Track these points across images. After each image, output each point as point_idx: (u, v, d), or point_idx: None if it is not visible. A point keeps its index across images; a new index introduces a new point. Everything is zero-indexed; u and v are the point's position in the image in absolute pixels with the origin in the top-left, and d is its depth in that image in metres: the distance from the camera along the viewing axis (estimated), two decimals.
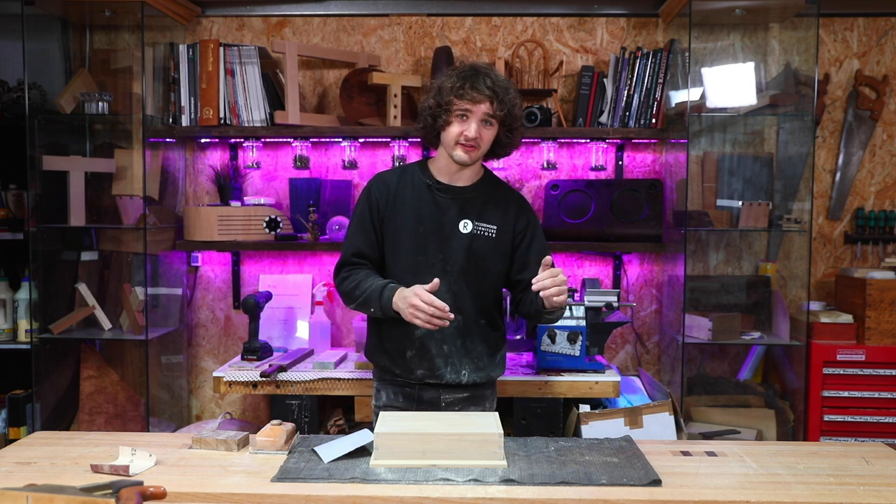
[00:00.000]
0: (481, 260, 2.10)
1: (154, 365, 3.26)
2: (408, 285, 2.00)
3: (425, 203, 2.10)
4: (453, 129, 2.02)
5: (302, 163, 3.25)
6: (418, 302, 1.89)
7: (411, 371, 2.13)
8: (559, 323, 2.79)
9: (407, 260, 2.09)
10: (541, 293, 1.88)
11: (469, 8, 3.27)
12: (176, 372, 3.37)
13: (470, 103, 1.99)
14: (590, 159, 3.26)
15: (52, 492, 1.32)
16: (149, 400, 3.13)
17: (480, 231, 2.10)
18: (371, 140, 3.24)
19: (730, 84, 3.10)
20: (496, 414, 1.82)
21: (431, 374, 2.12)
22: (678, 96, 3.10)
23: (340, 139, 3.24)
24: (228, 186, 3.26)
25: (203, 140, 3.30)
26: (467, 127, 2.01)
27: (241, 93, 3.13)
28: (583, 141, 3.24)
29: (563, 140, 3.24)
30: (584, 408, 2.80)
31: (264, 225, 3.13)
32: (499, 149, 2.12)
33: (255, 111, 3.12)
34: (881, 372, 2.99)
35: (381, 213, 2.13)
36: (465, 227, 2.09)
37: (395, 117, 3.07)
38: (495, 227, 2.11)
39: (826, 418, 3.01)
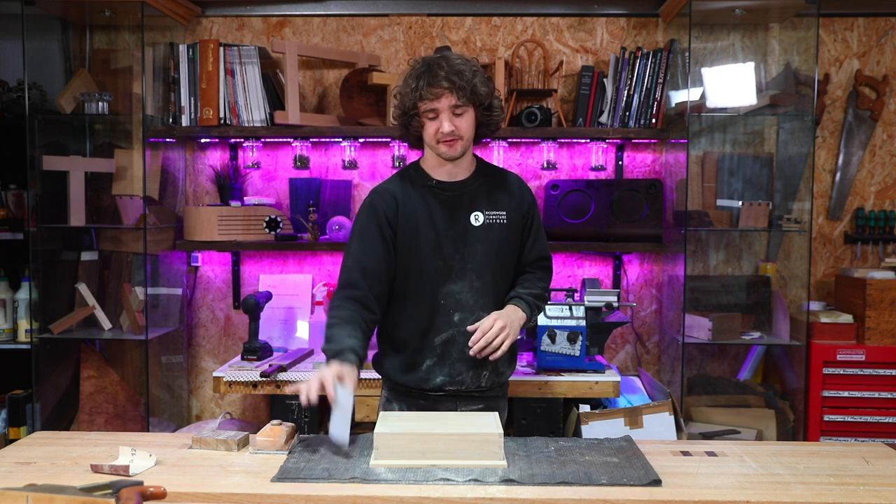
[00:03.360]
0: (499, 249, 2.05)
1: (154, 365, 3.26)
2: (431, 294, 2.00)
3: (432, 205, 2.03)
4: (429, 130, 1.97)
5: (302, 163, 3.25)
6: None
7: (429, 380, 2.04)
8: (559, 323, 2.79)
9: (426, 268, 2.01)
10: (478, 356, 1.94)
11: (469, 8, 3.27)
12: (176, 372, 3.37)
13: (432, 101, 1.92)
14: (590, 159, 3.26)
15: (52, 492, 1.32)
16: (149, 400, 3.13)
17: (492, 220, 2.05)
18: (371, 140, 3.24)
19: (730, 84, 3.10)
20: (496, 414, 1.82)
21: (452, 381, 2.04)
22: (678, 96, 3.10)
23: (340, 139, 3.24)
24: (228, 186, 3.26)
25: (203, 140, 3.30)
26: (439, 124, 1.94)
27: (241, 93, 3.13)
28: (583, 141, 3.24)
29: (563, 140, 3.24)
30: (584, 408, 2.80)
31: (264, 225, 3.13)
32: (484, 129, 2.05)
33: (255, 111, 3.12)
34: (881, 372, 2.99)
35: (391, 226, 2.01)
36: (477, 219, 2.04)
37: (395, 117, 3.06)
38: (504, 213, 2.06)
39: (826, 418, 3.01)
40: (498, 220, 2.06)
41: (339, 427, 1.79)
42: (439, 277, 2.01)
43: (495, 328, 1.92)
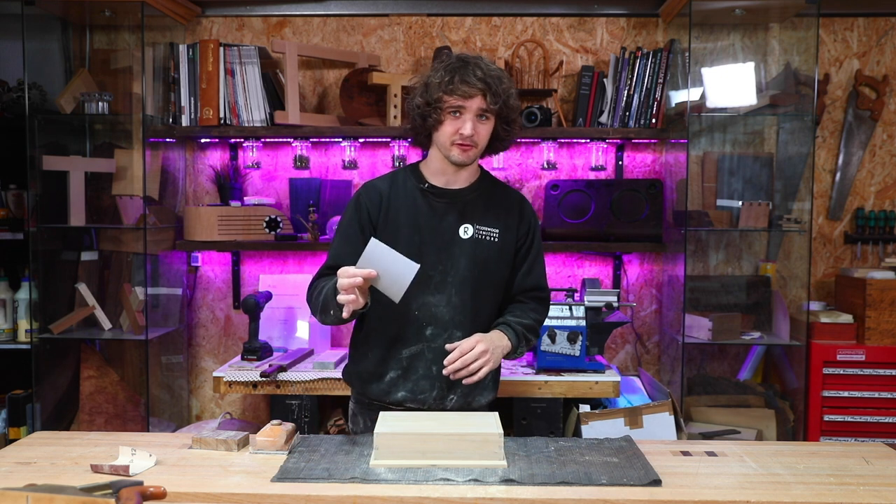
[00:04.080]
0: (484, 267, 1.94)
1: (154, 365, 3.26)
2: (405, 302, 1.88)
3: (420, 209, 1.93)
4: (447, 129, 1.86)
5: (302, 163, 3.25)
6: (341, 282, 1.73)
7: (389, 394, 1.95)
8: (559, 323, 2.79)
9: None
10: (451, 377, 1.84)
11: (469, 8, 3.27)
12: (176, 372, 3.37)
13: (461, 99, 1.82)
14: (590, 159, 3.26)
15: (52, 492, 1.32)
16: (149, 400, 3.13)
17: (482, 235, 1.94)
18: (371, 140, 3.24)
19: (730, 84, 3.10)
20: (496, 414, 1.82)
21: (413, 398, 1.94)
22: (678, 96, 3.10)
23: (340, 139, 3.24)
24: (228, 186, 3.26)
25: (203, 140, 3.30)
26: (462, 125, 1.84)
27: (241, 93, 3.13)
28: (583, 141, 3.24)
29: (563, 140, 3.24)
30: (584, 408, 2.80)
31: (264, 225, 3.13)
32: (496, 143, 1.95)
33: (255, 111, 3.12)
34: (881, 372, 2.99)
35: (372, 224, 1.94)
36: (466, 232, 1.94)
37: (395, 117, 3.07)
38: (498, 231, 1.96)
39: (826, 418, 3.01)
40: (488, 237, 1.95)
41: (394, 286, 1.73)
42: (417, 286, 1.87)
43: (476, 351, 1.82)
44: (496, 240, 1.96)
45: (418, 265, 1.74)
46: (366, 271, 1.72)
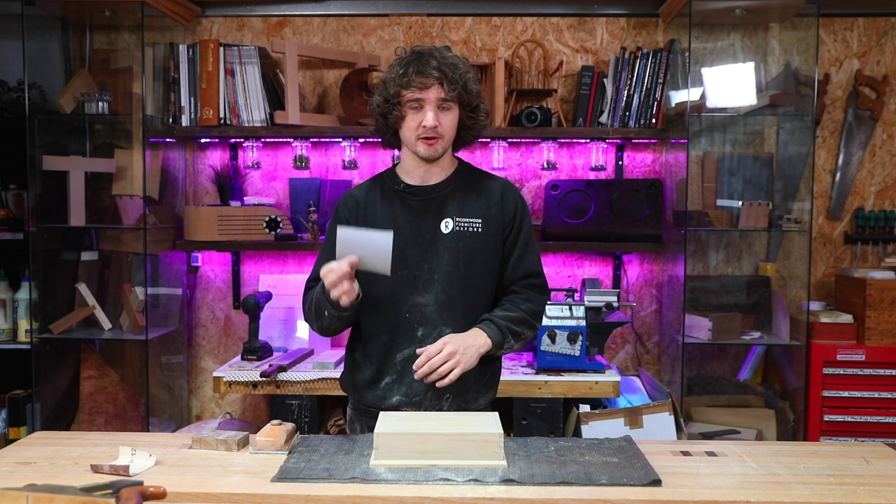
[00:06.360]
0: (470, 260, 1.88)
1: (154, 365, 3.26)
2: (396, 306, 1.88)
3: (398, 211, 1.89)
4: (409, 123, 1.83)
5: (302, 163, 3.26)
6: (327, 280, 1.75)
7: (385, 399, 1.92)
8: (559, 323, 2.80)
9: (390, 278, 1.83)
10: (425, 380, 1.82)
11: (469, 8, 3.27)
12: (176, 372, 3.37)
13: (419, 90, 1.79)
14: (590, 159, 3.27)
15: (52, 492, 1.32)
16: (149, 400, 3.13)
17: (463, 227, 1.89)
18: (371, 140, 3.24)
19: (730, 84, 3.10)
20: (496, 414, 1.81)
21: (408, 401, 1.90)
22: (678, 96, 3.10)
23: (340, 139, 3.24)
24: (228, 186, 3.26)
25: (203, 140, 3.30)
26: (423, 116, 1.81)
27: (241, 93, 3.13)
28: (583, 141, 3.25)
29: (563, 140, 3.24)
30: (584, 408, 2.80)
31: (264, 225, 3.13)
32: (465, 132, 1.91)
33: (255, 111, 3.13)
34: (881, 372, 2.99)
35: None
36: (447, 226, 1.89)
37: None
38: (480, 220, 1.89)
39: (826, 418, 3.01)
40: (471, 228, 1.89)
41: (378, 262, 1.74)
42: (404, 289, 1.88)
43: (443, 354, 1.78)
44: (479, 230, 1.90)
45: (391, 231, 1.77)
46: (346, 259, 1.74)
